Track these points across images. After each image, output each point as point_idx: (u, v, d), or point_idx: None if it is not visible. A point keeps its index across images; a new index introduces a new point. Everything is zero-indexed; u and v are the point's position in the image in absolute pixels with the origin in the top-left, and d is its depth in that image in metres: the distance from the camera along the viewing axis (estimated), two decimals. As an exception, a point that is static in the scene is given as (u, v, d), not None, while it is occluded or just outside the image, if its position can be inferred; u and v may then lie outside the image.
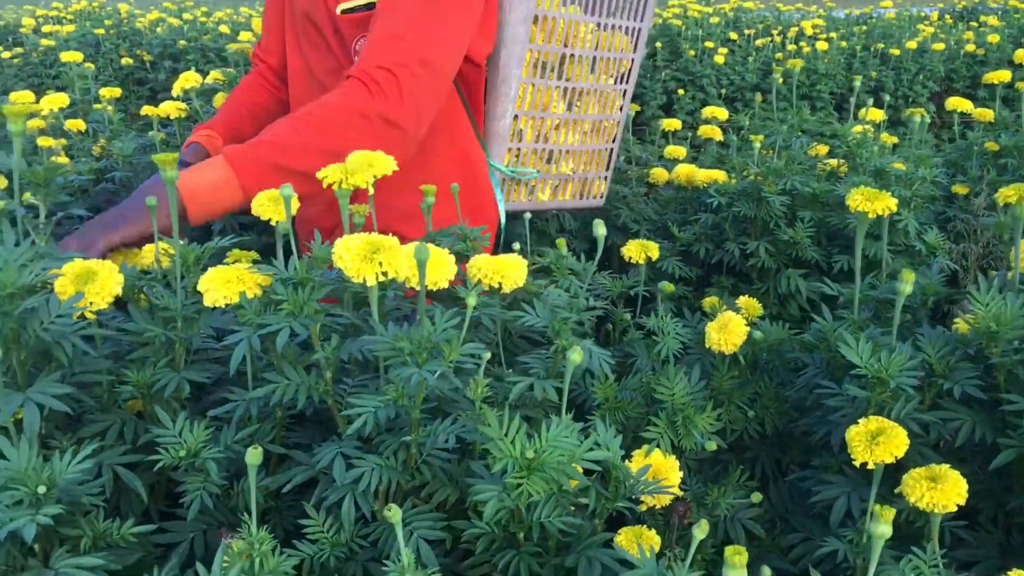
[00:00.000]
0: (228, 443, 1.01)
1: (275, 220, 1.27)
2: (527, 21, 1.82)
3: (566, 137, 2.05)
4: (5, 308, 0.90)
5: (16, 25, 6.81)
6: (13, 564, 0.93)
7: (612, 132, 2.18)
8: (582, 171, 2.14)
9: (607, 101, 2.12)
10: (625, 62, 2.13)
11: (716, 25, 6.52)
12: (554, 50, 1.92)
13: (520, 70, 1.86)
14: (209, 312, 1.12)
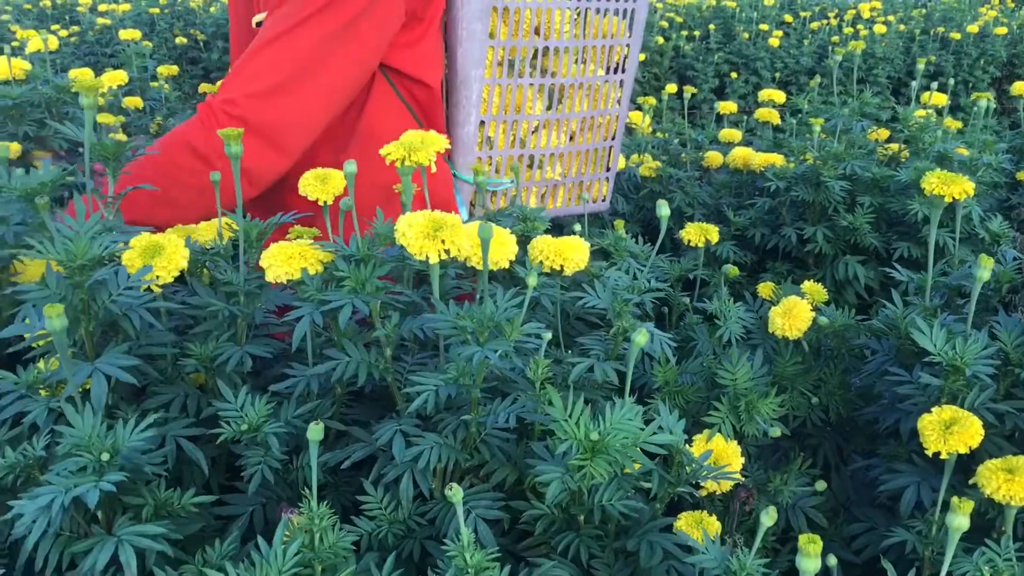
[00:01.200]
0: (289, 418, 1.01)
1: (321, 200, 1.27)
2: (484, 16, 1.62)
3: (549, 139, 1.82)
4: (76, 279, 0.91)
5: (73, 4, 6.91)
6: (76, 530, 0.94)
7: (610, 128, 1.94)
8: (575, 174, 1.91)
9: (599, 95, 1.87)
10: (619, 49, 1.87)
11: (771, 7, 6.41)
12: (524, 44, 1.70)
13: (480, 70, 1.66)
14: (271, 287, 1.12)
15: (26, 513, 0.86)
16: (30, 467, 0.93)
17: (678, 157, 2.68)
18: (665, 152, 2.74)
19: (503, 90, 1.71)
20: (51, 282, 0.93)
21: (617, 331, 1.10)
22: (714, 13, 6.39)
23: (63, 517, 0.86)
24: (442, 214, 0.97)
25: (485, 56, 1.65)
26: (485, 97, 1.69)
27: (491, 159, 1.74)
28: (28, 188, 1.02)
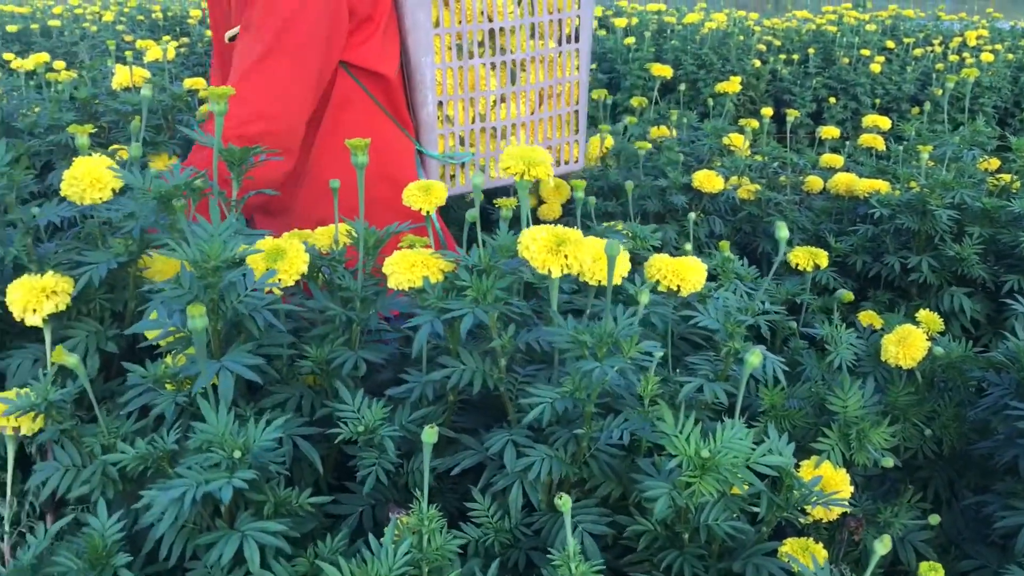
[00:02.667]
0: (403, 422, 1.03)
1: (424, 209, 1.29)
2: (424, 6, 1.76)
3: (509, 111, 1.96)
4: (209, 280, 0.95)
5: (183, 16, 7.17)
6: (200, 524, 0.98)
7: (572, 95, 2.07)
8: (543, 140, 2.04)
9: (555, 65, 2.00)
10: (569, 21, 1.99)
11: (872, 33, 6.29)
12: (472, 28, 1.84)
13: (429, 57, 1.80)
14: (386, 294, 1.15)
15: (156, 504, 0.89)
16: (160, 459, 0.97)
17: (776, 180, 2.65)
18: (763, 175, 2.71)
19: (455, 72, 1.84)
20: (185, 281, 0.97)
21: (728, 351, 1.10)
22: (813, 37, 6.29)
23: (192, 510, 0.90)
24: (564, 229, 0.98)
25: (432, 43, 1.79)
26: (439, 80, 1.83)
27: (453, 135, 1.89)
28: (164, 190, 1.06)
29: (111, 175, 1.15)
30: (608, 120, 3.39)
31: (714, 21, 6.00)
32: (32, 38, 6.45)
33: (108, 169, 1.16)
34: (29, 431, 1.04)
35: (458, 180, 1.93)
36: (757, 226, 2.46)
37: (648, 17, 7.17)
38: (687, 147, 2.71)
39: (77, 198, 1.15)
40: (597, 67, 6.17)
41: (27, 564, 0.93)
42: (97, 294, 1.17)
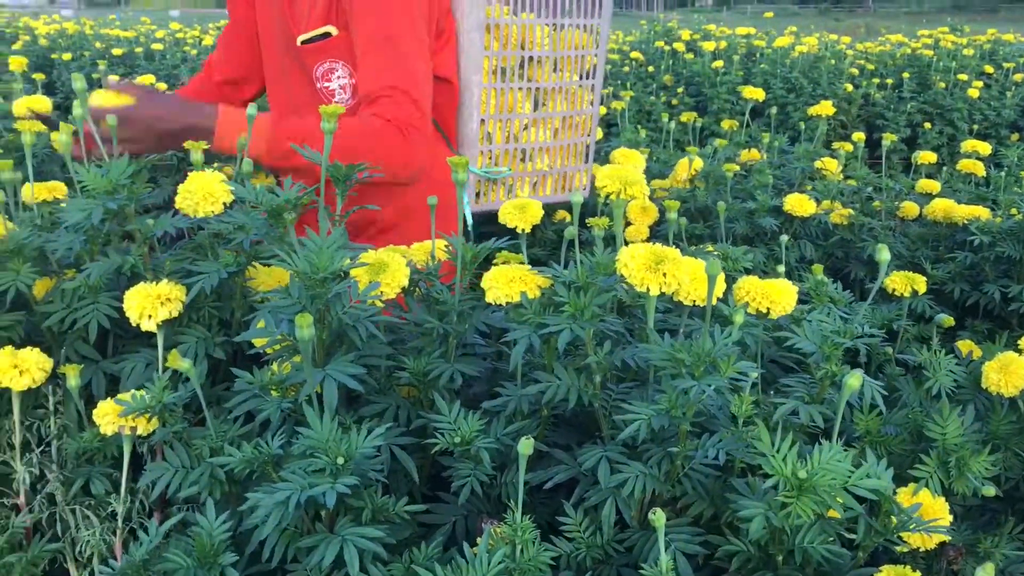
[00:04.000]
0: (498, 435, 1.05)
1: (520, 228, 1.31)
2: (480, 29, 1.91)
3: (537, 135, 2.11)
4: (317, 291, 0.99)
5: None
6: (301, 527, 1.01)
7: (586, 126, 2.23)
8: (560, 166, 2.19)
9: (574, 97, 2.17)
10: (589, 58, 2.17)
11: (970, 57, 6.14)
12: (512, 54, 2.00)
13: (479, 76, 1.94)
14: (482, 309, 1.17)
15: (262, 506, 0.93)
16: (265, 463, 1.00)
17: (870, 206, 2.61)
18: (856, 200, 2.67)
19: (497, 93, 2.00)
20: (294, 292, 1.01)
21: (825, 374, 1.09)
22: (908, 61, 6.17)
23: (296, 514, 0.93)
24: (663, 248, 0.99)
25: (482, 64, 1.94)
26: (483, 99, 1.97)
27: (491, 152, 2.03)
28: (275, 205, 1.11)
29: (223, 189, 1.21)
30: (694, 143, 3.39)
31: (805, 45, 5.94)
32: (136, 61, 6.73)
33: (220, 184, 1.21)
34: (144, 431, 1.09)
35: (489, 197, 2.07)
36: (849, 252, 2.42)
37: (737, 41, 7.12)
38: (777, 170, 2.68)
39: (191, 211, 1.20)
40: (684, 90, 6.16)
41: (139, 560, 0.97)
42: (206, 302, 1.22)
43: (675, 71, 6.63)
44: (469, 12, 1.91)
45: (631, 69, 6.75)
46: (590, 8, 2.11)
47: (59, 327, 1.24)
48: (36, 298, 1.26)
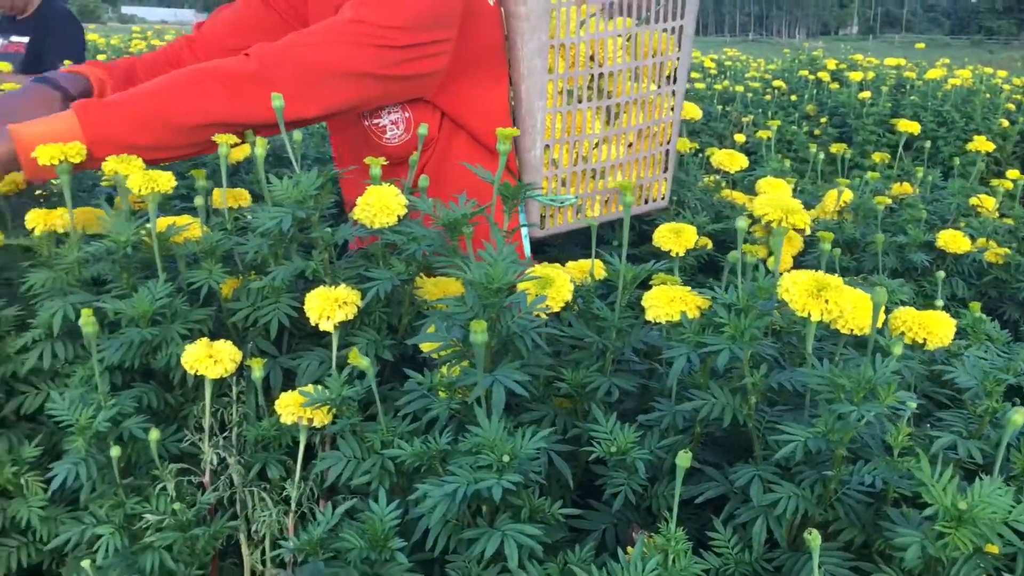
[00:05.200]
0: (653, 448, 1.09)
1: (675, 251, 1.34)
2: (542, 53, 1.79)
3: (609, 152, 1.98)
4: (490, 300, 1.05)
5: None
6: (462, 521, 1.08)
7: (665, 135, 2.09)
8: (637, 179, 2.08)
9: (653, 107, 2.03)
10: (670, 63, 2.03)
11: None
12: (581, 73, 1.88)
13: (543, 101, 1.83)
14: (639, 327, 1.22)
15: (430, 497, 1.00)
16: (434, 457, 1.07)
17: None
18: (1013, 239, 2.59)
19: (563, 116, 1.88)
20: (469, 300, 1.08)
21: (985, 410, 1.09)
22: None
23: (461, 506, 0.99)
24: (825, 275, 1.01)
25: (546, 88, 1.82)
26: (548, 124, 1.86)
27: (556, 177, 1.91)
28: (452, 219, 1.19)
29: (399, 203, 1.29)
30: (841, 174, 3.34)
31: (958, 78, 5.75)
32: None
33: (396, 197, 1.30)
34: (319, 423, 1.18)
35: (556, 220, 1.97)
36: (1004, 291, 2.35)
37: (885, 71, 6.96)
38: (930, 205, 2.63)
39: (368, 221, 1.29)
40: (828, 121, 6.06)
41: (317, 538, 1.06)
42: (378, 307, 1.31)
43: (819, 101, 6.53)
44: (529, 36, 1.79)
45: (773, 97, 6.68)
46: (672, 10, 1.97)
47: (243, 323, 1.35)
48: (223, 296, 1.38)
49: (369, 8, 1.56)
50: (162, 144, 1.47)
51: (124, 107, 1.45)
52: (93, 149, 1.40)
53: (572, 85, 1.90)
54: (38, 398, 1.35)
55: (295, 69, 1.51)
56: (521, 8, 1.78)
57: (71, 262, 1.35)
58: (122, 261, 1.34)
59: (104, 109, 1.44)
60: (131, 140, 1.42)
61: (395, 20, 1.56)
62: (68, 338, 1.34)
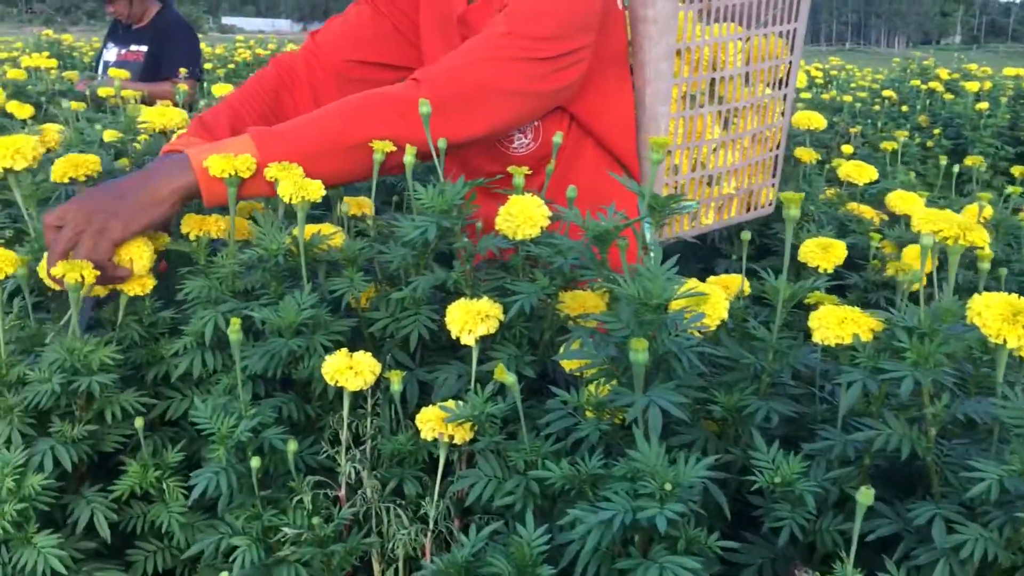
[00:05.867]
0: (819, 479, 1.02)
1: (823, 268, 1.27)
2: (670, 57, 1.76)
3: (726, 157, 1.96)
4: (647, 317, 1.00)
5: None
6: (612, 550, 1.03)
7: (775, 139, 2.06)
8: (747, 185, 2.03)
9: (766, 111, 2.01)
10: (782, 67, 2.00)
11: None
12: (702, 78, 1.85)
13: (667, 107, 1.80)
14: (799, 348, 1.15)
15: (584, 523, 0.95)
16: (584, 481, 1.02)
17: None
18: None
19: (686, 121, 1.85)
20: (623, 316, 1.03)
21: None
22: None
23: (617, 535, 0.94)
24: (1018, 298, 0.94)
25: (671, 93, 1.79)
26: (671, 130, 1.84)
27: (676, 184, 1.89)
28: (600, 231, 1.14)
29: (543, 213, 1.25)
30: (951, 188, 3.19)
31: (1085, 88, 5.47)
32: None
33: (540, 208, 1.26)
34: (460, 440, 1.15)
35: (672, 228, 1.94)
36: None
37: (1003, 82, 6.68)
38: (1074, 222, 2.48)
39: (511, 232, 1.26)
40: (941, 132, 5.83)
41: (463, 561, 1.02)
42: (518, 321, 1.27)
43: (931, 112, 6.30)
44: (657, 40, 1.75)
45: (882, 108, 6.47)
46: (788, 12, 1.95)
47: (381, 334, 1.33)
48: (361, 305, 1.36)
49: (519, 20, 1.55)
50: (332, 171, 1.46)
51: (297, 134, 1.47)
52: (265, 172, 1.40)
53: (694, 90, 1.88)
54: (183, 404, 1.36)
55: (462, 91, 1.52)
56: (649, 11, 1.76)
57: (226, 273, 1.35)
58: (272, 270, 1.33)
59: (278, 135, 1.45)
60: (304, 166, 1.41)
61: (547, 30, 1.56)
62: (218, 348, 1.34)
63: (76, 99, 2.87)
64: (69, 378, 1.24)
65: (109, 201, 1.33)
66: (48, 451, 1.22)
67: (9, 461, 1.17)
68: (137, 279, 1.36)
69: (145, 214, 1.35)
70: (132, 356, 1.36)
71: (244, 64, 7.70)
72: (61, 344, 1.27)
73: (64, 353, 1.26)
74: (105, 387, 1.25)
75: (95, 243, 1.31)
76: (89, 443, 1.27)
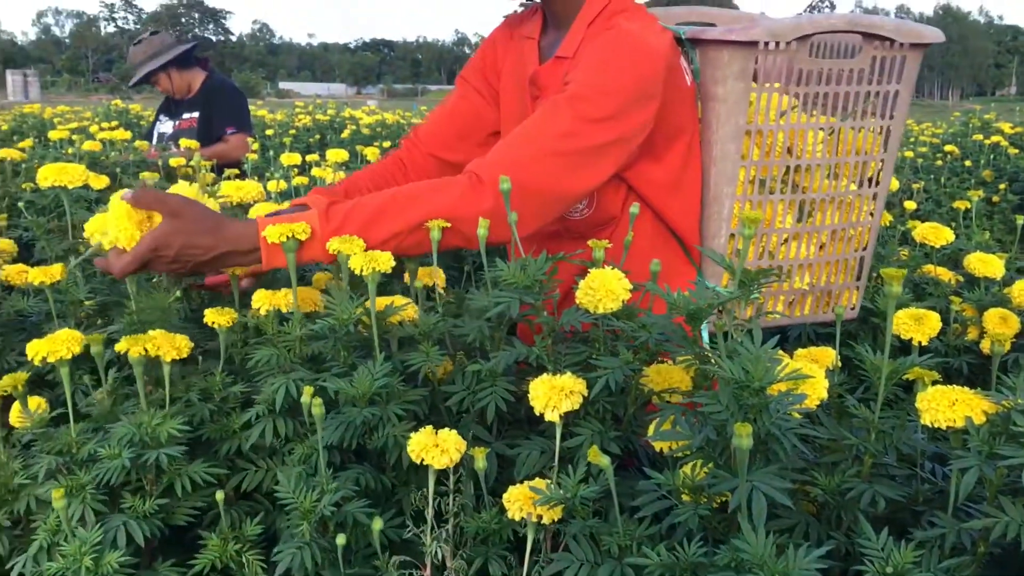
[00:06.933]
0: (933, 568, 0.97)
1: (917, 340, 1.22)
2: (738, 138, 1.71)
3: (798, 250, 1.85)
4: (748, 400, 0.97)
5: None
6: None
7: (862, 239, 1.93)
8: (824, 283, 1.91)
9: (850, 207, 1.88)
10: (872, 164, 1.87)
11: None
12: (776, 163, 1.77)
13: (732, 188, 1.74)
14: (902, 428, 1.10)
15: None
16: (684, 570, 0.98)
17: None
18: None
19: (753, 205, 1.78)
20: (723, 398, 1.00)
21: None
22: None
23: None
24: None
25: (737, 175, 1.74)
26: (736, 213, 1.77)
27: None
28: (693, 309, 1.11)
29: (624, 287, 1.23)
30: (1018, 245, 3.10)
31: None
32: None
33: (621, 281, 1.24)
34: (549, 520, 1.11)
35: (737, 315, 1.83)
36: None
37: (1069, 135, 6.55)
38: None
39: (592, 306, 1.24)
40: (1007, 187, 5.71)
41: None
42: (601, 397, 1.24)
43: (995, 166, 6.19)
44: (725, 119, 1.71)
45: (945, 163, 6.38)
46: (881, 108, 1.83)
47: (457, 407, 1.31)
48: (437, 378, 1.35)
49: (581, 104, 1.55)
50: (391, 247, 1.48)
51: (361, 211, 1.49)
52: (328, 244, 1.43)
53: (765, 175, 1.81)
54: (258, 475, 1.35)
55: (522, 192, 1.50)
56: (719, 89, 1.73)
57: (293, 339, 1.35)
58: (343, 340, 1.32)
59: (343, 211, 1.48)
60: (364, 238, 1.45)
61: (608, 109, 1.57)
62: (288, 415, 1.33)
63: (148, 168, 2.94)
64: (139, 452, 1.24)
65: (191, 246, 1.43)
66: (121, 527, 1.22)
67: (87, 539, 1.16)
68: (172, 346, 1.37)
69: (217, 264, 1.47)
70: (204, 432, 1.36)
71: (305, 130, 7.84)
72: (130, 419, 1.28)
73: (133, 428, 1.26)
74: (174, 460, 1.25)
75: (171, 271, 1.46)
76: (160, 517, 1.25)
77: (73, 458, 1.30)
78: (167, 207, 1.42)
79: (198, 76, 4.85)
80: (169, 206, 1.42)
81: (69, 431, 1.31)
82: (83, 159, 3.40)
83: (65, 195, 1.93)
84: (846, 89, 1.78)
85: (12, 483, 1.31)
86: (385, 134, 7.64)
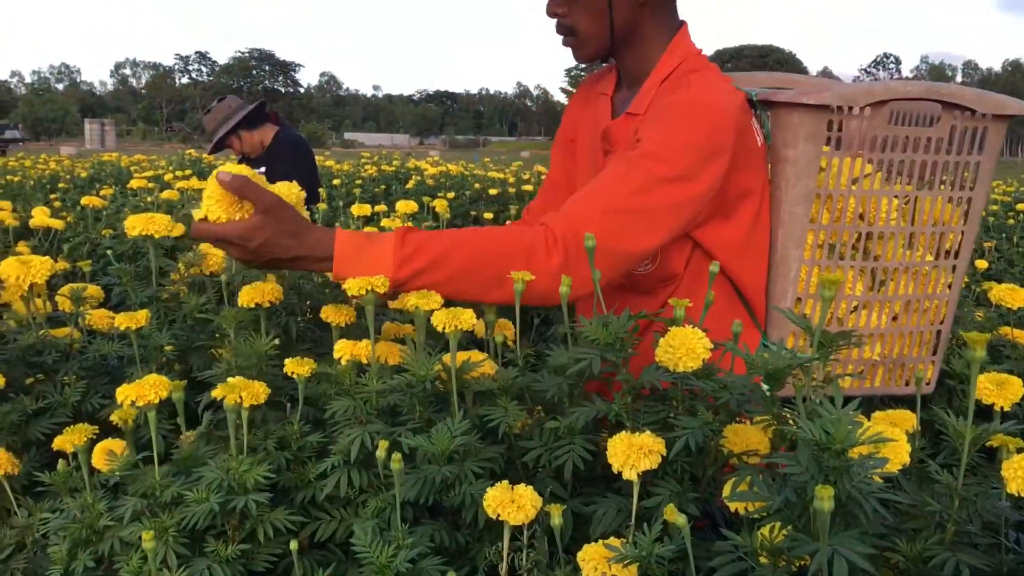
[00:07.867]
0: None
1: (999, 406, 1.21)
2: (807, 201, 1.70)
3: (869, 319, 1.80)
4: (832, 463, 0.97)
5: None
6: None
7: (939, 313, 1.87)
8: (897, 355, 1.86)
9: (927, 279, 1.83)
10: (951, 235, 1.82)
11: None
12: (846, 228, 1.75)
13: (800, 251, 1.73)
14: (986, 496, 1.09)
15: None
16: (760, 636, 0.98)
17: None
18: None
19: (821, 270, 1.75)
20: (804, 459, 1.00)
21: None
22: None
23: None
24: None
25: (805, 238, 1.73)
26: (803, 276, 1.76)
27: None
28: (774, 368, 1.12)
29: (704, 346, 1.24)
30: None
31: None
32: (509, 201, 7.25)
33: (701, 340, 1.25)
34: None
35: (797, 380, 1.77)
36: None
37: None
38: None
39: (671, 365, 1.25)
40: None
41: None
42: (680, 456, 1.24)
43: (1069, 224, 6.06)
44: (795, 182, 1.70)
45: (1017, 222, 6.26)
46: (961, 178, 1.79)
47: (534, 463, 1.32)
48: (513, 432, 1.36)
49: (651, 162, 1.59)
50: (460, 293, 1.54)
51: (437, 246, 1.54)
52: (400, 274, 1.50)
53: (835, 240, 1.79)
54: (331, 525, 1.36)
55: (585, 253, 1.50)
56: (790, 152, 1.73)
57: (370, 392, 1.38)
58: (420, 395, 1.35)
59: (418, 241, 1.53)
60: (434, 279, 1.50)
61: (679, 167, 1.60)
62: (363, 466, 1.35)
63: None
64: (226, 497, 1.27)
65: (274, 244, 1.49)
66: (206, 570, 1.25)
67: (175, 582, 1.20)
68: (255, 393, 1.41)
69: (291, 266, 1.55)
70: (281, 480, 1.39)
71: (371, 180, 8.01)
72: (217, 463, 1.31)
73: (221, 472, 1.29)
74: (260, 506, 1.28)
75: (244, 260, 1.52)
76: (242, 563, 1.28)
77: (157, 501, 1.34)
78: (263, 203, 1.48)
79: (269, 132, 4.96)
80: (264, 202, 1.48)
81: (154, 474, 1.35)
82: (160, 207, 3.52)
83: (151, 243, 2.01)
84: (924, 158, 1.75)
85: (98, 524, 1.35)
86: (449, 185, 7.70)
